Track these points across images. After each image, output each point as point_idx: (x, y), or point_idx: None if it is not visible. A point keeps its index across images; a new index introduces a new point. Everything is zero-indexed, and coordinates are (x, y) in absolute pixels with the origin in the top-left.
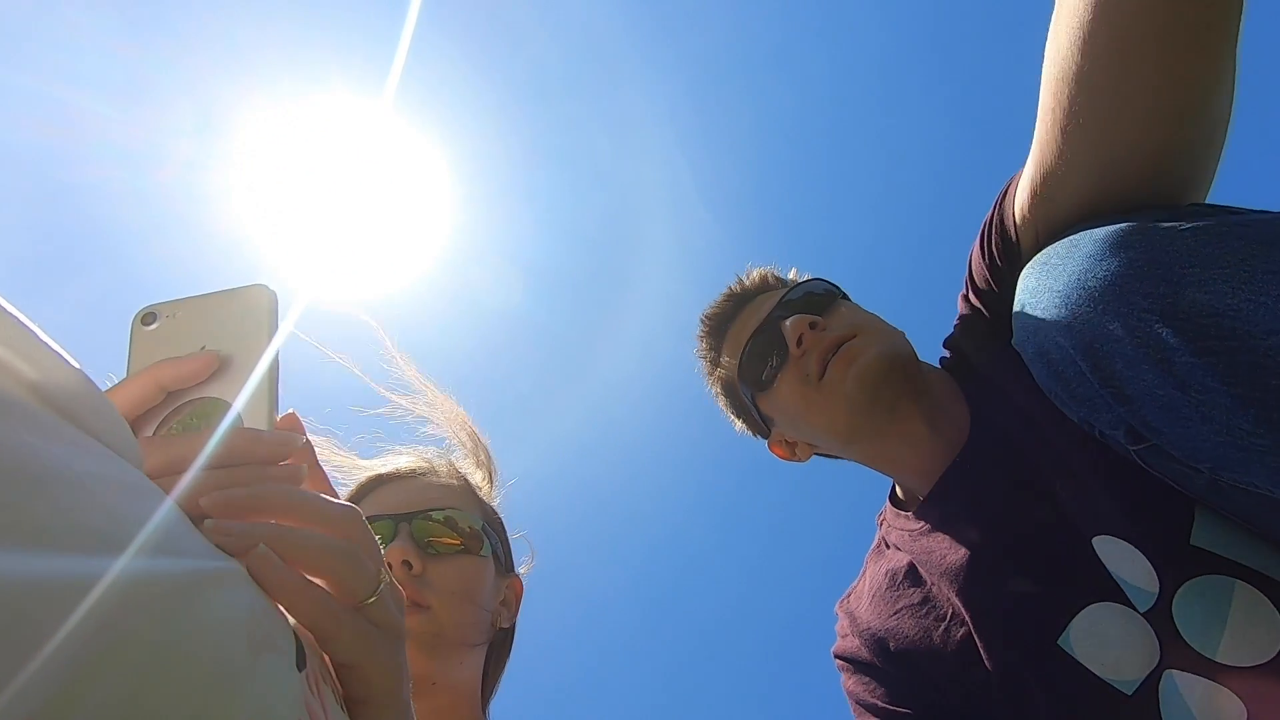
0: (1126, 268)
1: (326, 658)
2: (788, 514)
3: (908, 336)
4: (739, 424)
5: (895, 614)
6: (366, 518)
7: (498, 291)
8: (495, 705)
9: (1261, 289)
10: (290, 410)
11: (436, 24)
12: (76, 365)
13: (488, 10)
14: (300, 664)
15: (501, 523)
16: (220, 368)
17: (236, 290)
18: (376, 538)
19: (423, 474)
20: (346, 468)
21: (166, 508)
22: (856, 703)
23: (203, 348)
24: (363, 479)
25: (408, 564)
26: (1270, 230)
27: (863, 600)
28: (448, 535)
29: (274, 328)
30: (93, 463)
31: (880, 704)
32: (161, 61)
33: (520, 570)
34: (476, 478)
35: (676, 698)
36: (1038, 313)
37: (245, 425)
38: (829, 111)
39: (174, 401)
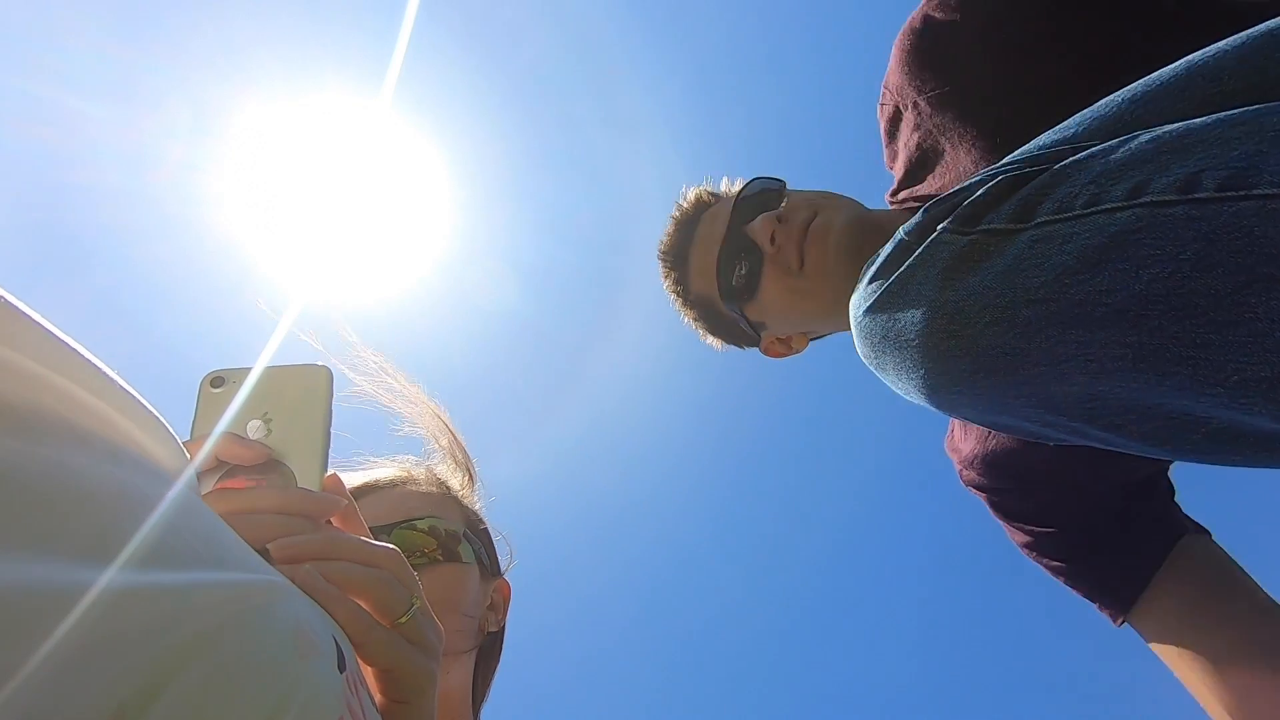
0: (969, 385)
1: (360, 673)
2: (787, 514)
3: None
4: (718, 343)
5: (989, 435)
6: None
7: (494, 293)
8: (488, 709)
9: (1107, 367)
10: (333, 472)
11: (433, 25)
12: (154, 410)
13: (484, 10)
14: (341, 666)
15: (485, 526)
16: (278, 422)
17: (298, 367)
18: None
19: (402, 483)
20: None
21: (227, 531)
22: (1005, 524)
23: (264, 414)
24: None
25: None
26: (1067, 292)
27: (957, 431)
28: (429, 544)
29: (329, 403)
30: (162, 487)
31: (1025, 526)
32: (156, 63)
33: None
34: (456, 482)
35: (672, 700)
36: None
37: (299, 485)
38: (828, 111)
39: (224, 467)
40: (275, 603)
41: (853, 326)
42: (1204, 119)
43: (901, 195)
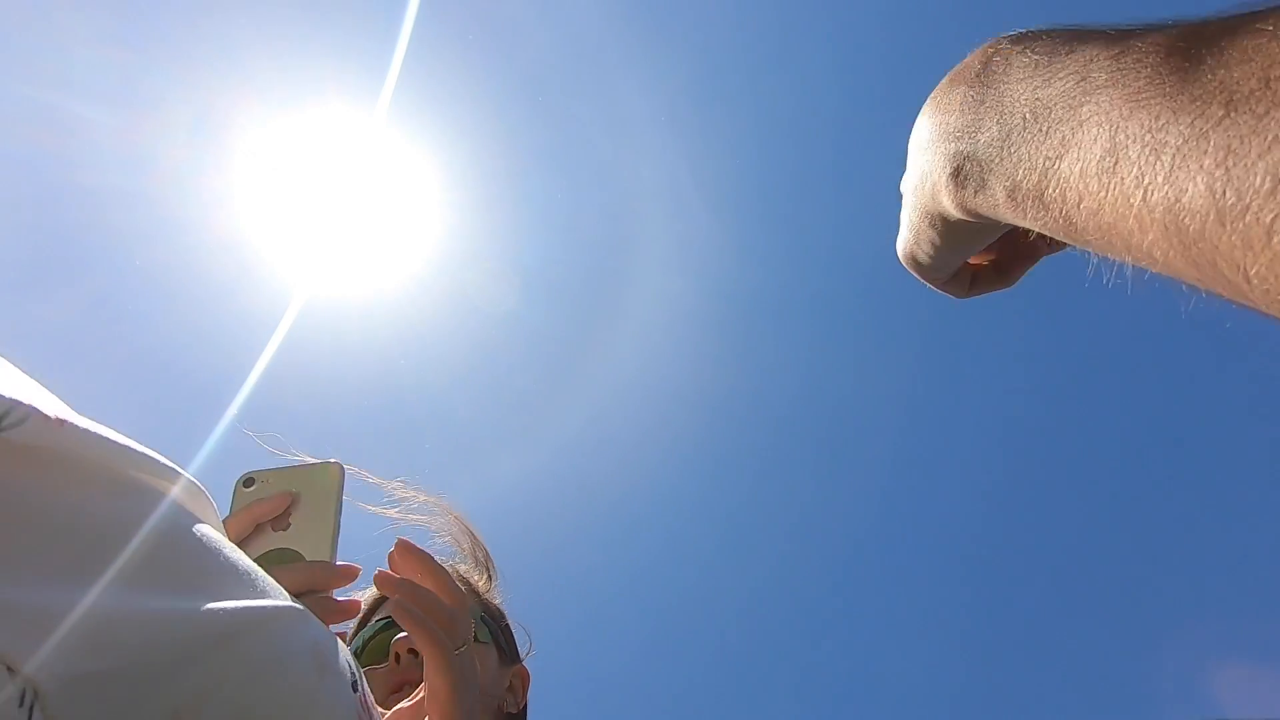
0: None
1: (371, 696)
2: (790, 516)
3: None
4: None
5: None
6: (380, 620)
7: (494, 294)
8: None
9: None
10: (353, 564)
11: (430, 24)
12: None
13: (482, 10)
14: (355, 687)
15: (503, 616)
16: (297, 512)
17: (315, 464)
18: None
19: None
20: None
21: (247, 563)
22: None
23: (288, 508)
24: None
25: (413, 652)
26: None
27: None
28: None
29: (339, 493)
30: (192, 524)
31: None
32: (156, 67)
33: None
34: (475, 577)
35: (675, 705)
36: None
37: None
38: (830, 107)
39: (262, 533)
40: (297, 625)
41: None
42: None
43: None
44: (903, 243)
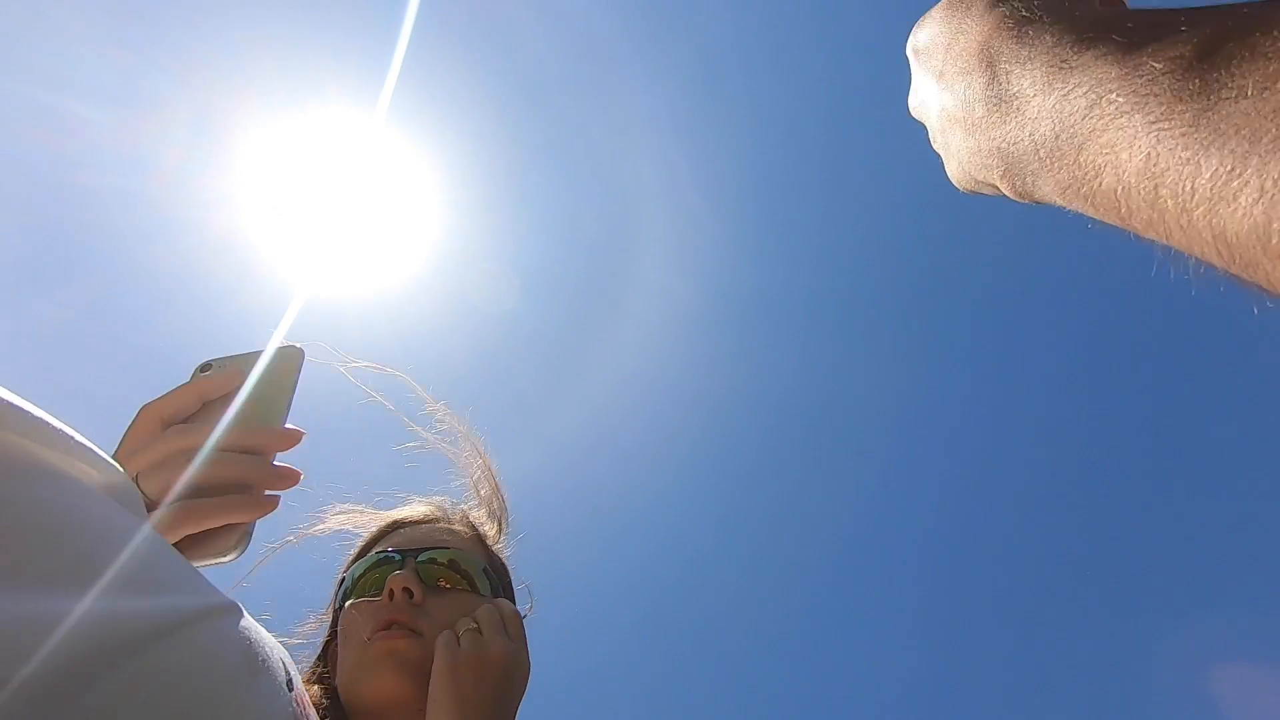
0: None
1: (306, 695)
2: (792, 517)
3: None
4: None
5: None
6: (377, 553)
7: (494, 294)
8: None
9: None
10: (298, 429)
11: (430, 24)
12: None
13: (482, 10)
14: (290, 686)
15: (507, 570)
16: (247, 390)
17: (276, 349)
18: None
19: (436, 520)
20: (374, 523)
21: (181, 561)
22: None
23: (238, 387)
24: (385, 522)
25: (408, 591)
26: None
27: None
28: (449, 574)
29: (296, 376)
30: (121, 519)
31: None
32: (156, 67)
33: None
34: (486, 527)
35: (677, 705)
36: None
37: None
38: (830, 108)
39: (209, 410)
40: (228, 624)
41: None
42: None
43: None
44: (958, 177)
